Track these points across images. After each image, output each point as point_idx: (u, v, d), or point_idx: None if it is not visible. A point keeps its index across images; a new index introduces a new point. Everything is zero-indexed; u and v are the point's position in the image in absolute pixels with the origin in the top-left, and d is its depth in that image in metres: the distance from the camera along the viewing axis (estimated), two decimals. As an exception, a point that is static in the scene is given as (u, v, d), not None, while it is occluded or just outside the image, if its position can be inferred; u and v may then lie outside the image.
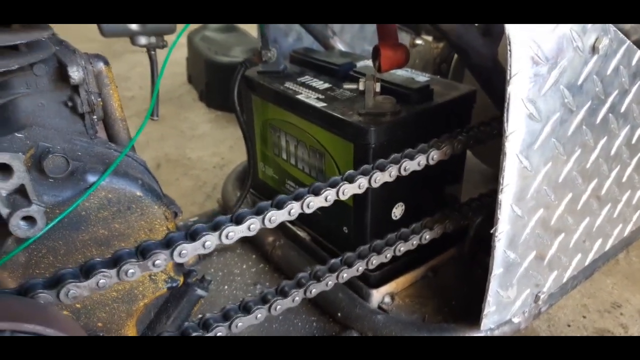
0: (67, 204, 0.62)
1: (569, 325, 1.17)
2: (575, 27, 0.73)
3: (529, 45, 0.69)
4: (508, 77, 0.70)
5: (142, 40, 0.92)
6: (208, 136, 2.06)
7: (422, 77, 1.06)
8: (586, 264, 1.04)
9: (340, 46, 1.32)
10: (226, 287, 1.11)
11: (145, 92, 2.48)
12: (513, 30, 0.67)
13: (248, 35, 2.39)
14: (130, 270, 0.54)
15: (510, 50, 0.69)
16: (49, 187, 0.62)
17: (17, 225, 0.57)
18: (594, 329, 1.16)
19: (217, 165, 1.84)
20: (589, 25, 0.75)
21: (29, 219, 0.58)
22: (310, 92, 1.03)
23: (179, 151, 1.93)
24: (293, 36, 1.42)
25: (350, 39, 1.56)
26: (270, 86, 1.08)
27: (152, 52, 0.97)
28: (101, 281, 0.53)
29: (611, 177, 0.97)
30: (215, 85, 2.24)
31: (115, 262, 0.55)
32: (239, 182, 1.38)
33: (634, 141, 0.98)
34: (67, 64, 0.65)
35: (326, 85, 1.06)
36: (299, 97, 1.01)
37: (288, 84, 1.08)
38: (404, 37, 1.61)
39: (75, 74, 0.65)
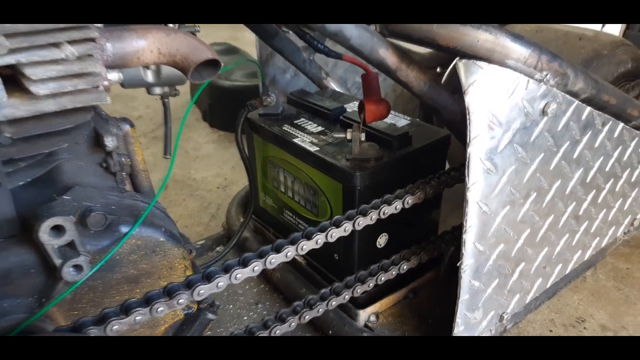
0: (105, 251, 0.77)
1: (536, 339, 1.31)
2: (526, 96, 0.87)
3: (486, 115, 0.83)
4: (468, 140, 0.84)
5: (157, 90, 1.07)
6: (211, 156, 2.20)
7: (403, 121, 1.20)
8: (547, 286, 1.18)
9: (333, 85, 1.46)
10: (231, 306, 1.26)
11: (152, 111, 2.61)
12: (472, 102, 0.82)
13: (249, 59, 2.52)
14: (160, 309, 0.69)
15: (469, 119, 0.83)
16: (91, 237, 0.76)
17: (68, 273, 0.71)
18: (558, 343, 1.31)
19: (220, 186, 1.98)
20: (538, 94, 0.88)
21: (77, 267, 0.72)
22: (305, 135, 1.17)
23: (184, 172, 2.07)
24: (290, 73, 1.57)
25: (343, 72, 1.71)
26: (270, 128, 1.22)
27: (166, 100, 1.11)
28: (137, 317, 0.68)
29: (567, 212, 1.11)
30: (218, 107, 2.38)
31: (147, 301, 0.69)
32: (242, 207, 1.52)
33: (588, 180, 1.12)
34: (103, 134, 0.79)
35: (319, 128, 1.20)
36: (295, 140, 1.15)
37: (286, 127, 1.22)
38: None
39: (110, 142, 0.79)
